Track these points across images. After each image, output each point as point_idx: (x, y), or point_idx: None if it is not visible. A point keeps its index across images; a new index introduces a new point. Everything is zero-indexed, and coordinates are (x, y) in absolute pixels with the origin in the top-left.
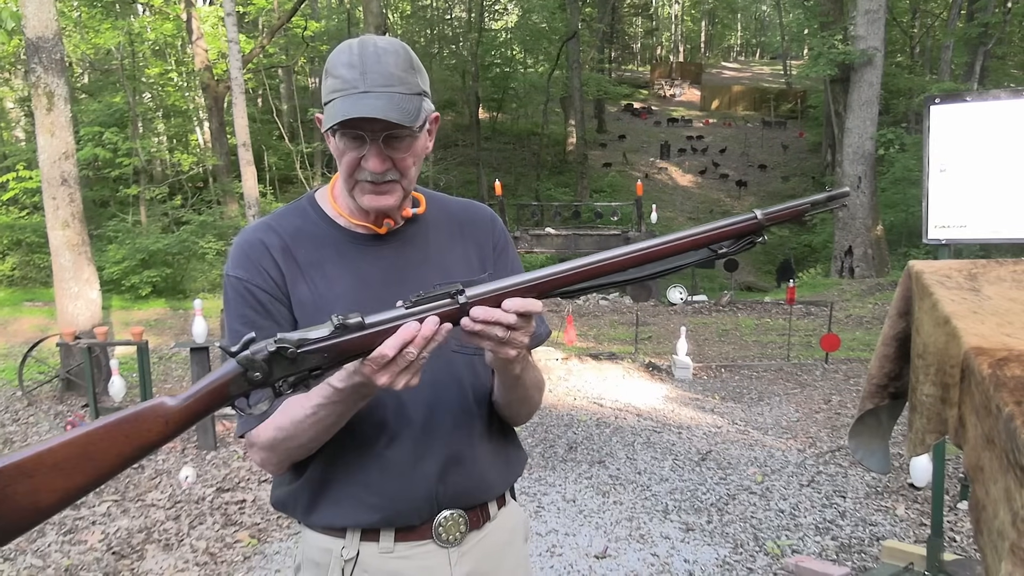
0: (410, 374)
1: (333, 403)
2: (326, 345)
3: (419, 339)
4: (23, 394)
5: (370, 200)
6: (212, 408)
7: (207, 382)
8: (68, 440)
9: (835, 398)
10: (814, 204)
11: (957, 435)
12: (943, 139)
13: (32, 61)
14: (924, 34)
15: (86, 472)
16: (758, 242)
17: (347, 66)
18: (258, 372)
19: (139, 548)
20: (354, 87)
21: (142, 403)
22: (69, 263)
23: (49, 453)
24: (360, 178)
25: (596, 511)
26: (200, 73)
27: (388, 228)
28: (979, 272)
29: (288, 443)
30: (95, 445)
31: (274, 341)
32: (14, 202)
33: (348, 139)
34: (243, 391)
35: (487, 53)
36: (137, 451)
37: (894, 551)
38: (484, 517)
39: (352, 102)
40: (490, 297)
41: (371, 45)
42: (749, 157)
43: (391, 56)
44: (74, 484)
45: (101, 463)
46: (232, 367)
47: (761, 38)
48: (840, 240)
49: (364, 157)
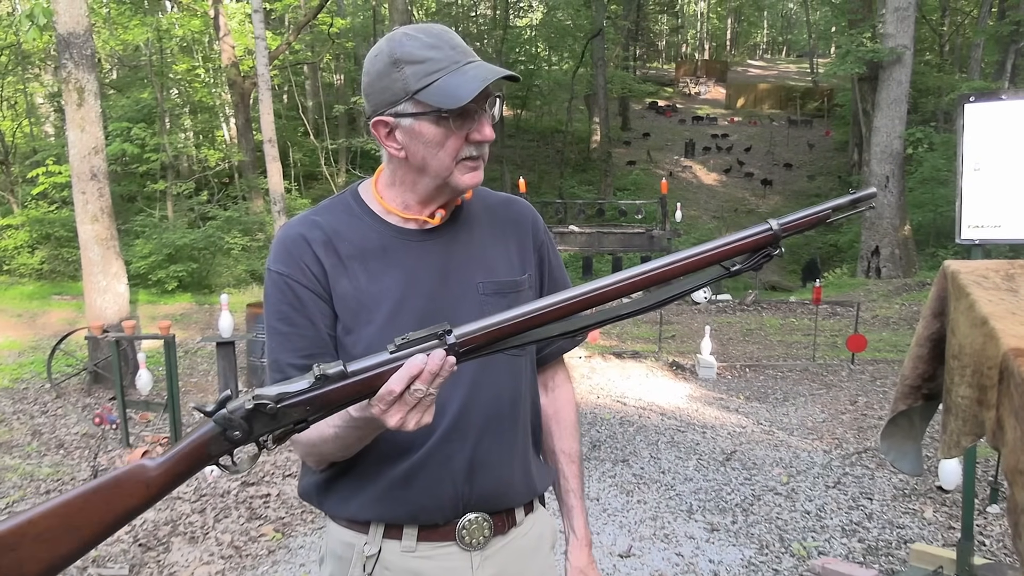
0: (420, 412)
1: (352, 428)
2: (307, 398)
3: (426, 374)
4: (51, 387)
5: (471, 177)
6: (194, 469)
7: (186, 444)
8: (49, 510)
9: (861, 399)
10: (836, 209)
11: (995, 437)
12: (977, 138)
13: (63, 57)
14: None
15: (70, 542)
16: (775, 255)
17: (430, 47)
18: (237, 431)
19: (165, 540)
20: (455, 61)
21: (121, 468)
22: (98, 257)
23: (30, 524)
24: (465, 155)
25: (620, 510)
26: (227, 69)
27: (441, 218)
28: (1017, 272)
29: (317, 450)
30: (76, 515)
31: (252, 398)
32: (43, 196)
33: (459, 118)
34: (225, 450)
35: (512, 50)
36: (119, 517)
37: (922, 554)
38: (510, 523)
39: (477, 70)
40: (479, 335)
41: (435, 27)
42: (774, 156)
43: (453, 34)
44: (58, 554)
45: (84, 532)
46: (210, 428)
47: (787, 36)
48: (867, 240)
49: (474, 129)
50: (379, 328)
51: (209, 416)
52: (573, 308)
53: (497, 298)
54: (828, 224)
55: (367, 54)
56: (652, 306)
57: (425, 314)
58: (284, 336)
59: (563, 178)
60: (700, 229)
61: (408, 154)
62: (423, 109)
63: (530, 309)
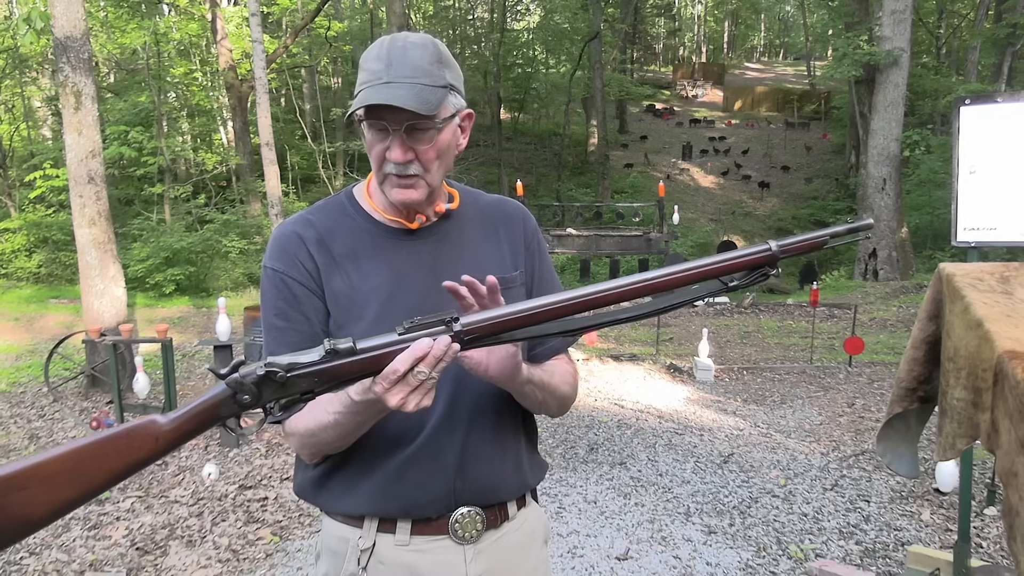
0: (421, 395)
1: (352, 412)
2: (316, 370)
3: (431, 358)
4: (49, 390)
5: (397, 194)
6: (202, 428)
7: (198, 403)
8: (61, 454)
9: (859, 401)
10: (834, 236)
11: (989, 440)
12: (973, 140)
13: (60, 60)
14: (950, 35)
15: (77, 487)
16: (772, 275)
17: (375, 59)
18: (247, 395)
19: (162, 544)
20: (379, 78)
21: (134, 421)
22: (95, 260)
23: (42, 467)
24: (387, 171)
25: (617, 512)
26: (224, 73)
27: (420, 224)
28: (1012, 275)
29: (314, 440)
30: (87, 461)
31: (263, 365)
32: (41, 200)
33: (375, 131)
34: (233, 413)
35: (509, 53)
36: (127, 467)
37: (920, 557)
38: (502, 516)
39: (375, 91)
40: (485, 325)
41: (400, 40)
42: (772, 158)
43: (418, 49)
44: (65, 498)
45: (92, 478)
46: (222, 389)
47: (785, 39)
48: (864, 242)
49: (388, 148)
50: (369, 324)
51: (222, 378)
52: (576, 307)
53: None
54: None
55: None
56: (650, 313)
57: (414, 311)
58: (280, 331)
59: (561, 181)
60: (698, 232)
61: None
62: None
63: (535, 305)
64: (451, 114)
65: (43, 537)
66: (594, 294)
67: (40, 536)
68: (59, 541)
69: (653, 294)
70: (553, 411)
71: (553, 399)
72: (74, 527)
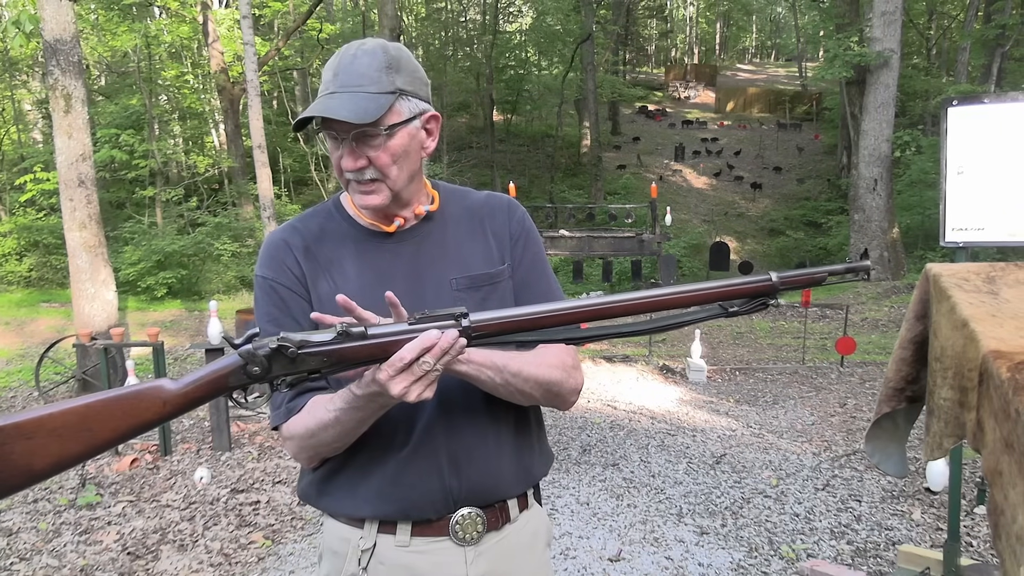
0: (423, 385)
1: (353, 408)
2: (326, 350)
3: (437, 349)
4: (39, 395)
5: (359, 199)
6: (210, 396)
7: (208, 371)
8: (69, 408)
9: (850, 401)
10: (831, 273)
11: (975, 439)
12: (961, 141)
13: (50, 63)
14: (941, 36)
15: (82, 441)
16: (770, 304)
17: (329, 69)
18: (257, 367)
19: (154, 548)
20: (326, 88)
21: (143, 383)
22: (86, 264)
23: (50, 418)
24: (347, 177)
25: (610, 514)
26: (216, 75)
27: (398, 227)
28: (997, 275)
29: (314, 440)
30: (94, 416)
31: (276, 339)
32: (31, 203)
33: (330, 140)
34: (242, 384)
35: (501, 55)
36: (133, 428)
37: (910, 556)
38: (504, 518)
39: (318, 103)
40: (493, 324)
41: (353, 48)
42: (764, 159)
43: (367, 57)
44: (68, 452)
45: (97, 434)
46: (234, 359)
47: (776, 40)
48: (856, 243)
49: (341, 156)
50: None
51: (236, 348)
52: (582, 316)
53: (471, 292)
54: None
55: None
56: (650, 330)
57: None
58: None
59: (553, 182)
60: (690, 233)
61: None
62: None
63: (542, 310)
64: (404, 119)
65: (34, 543)
66: (601, 305)
67: (31, 542)
68: (50, 546)
69: (657, 311)
70: (539, 399)
71: (530, 386)
72: (65, 532)
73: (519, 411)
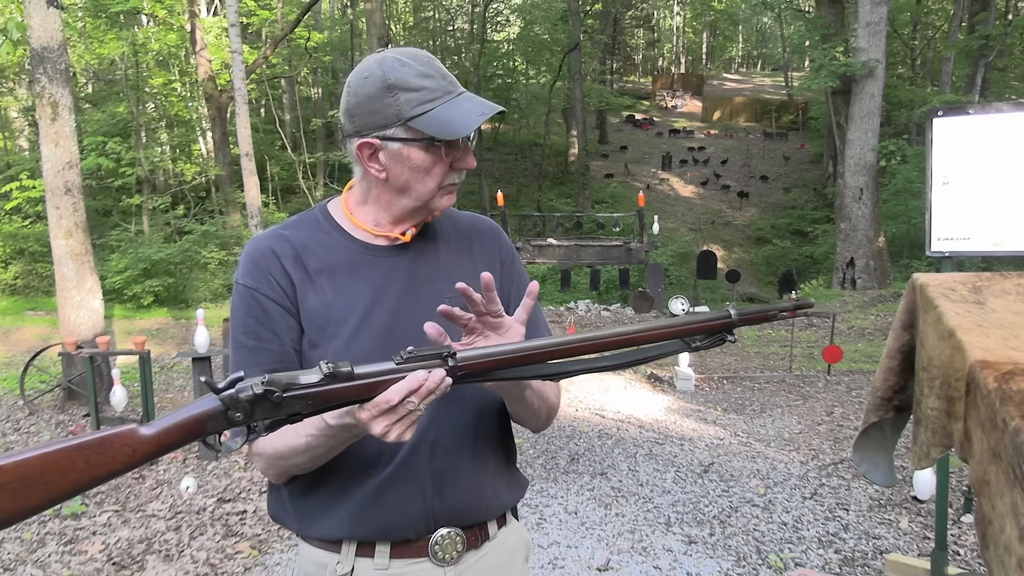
0: (404, 426)
1: (325, 436)
2: (312, 392)
3: (423, 390)
4: (25, 403)
5: (448, 200)
6: (185, 442)
7: (185, 415)
8: (22, 460)
9: (837, 410)
10: (781, 311)
11: (963, 449)
12: (946, 151)
13: (37, 71)
14: (925, 46)
15: (38, 496)
16: (728, 340)
17: (423, 76)
18: (240, 413)
19: (139, 559)
20: (448, 92)
21: (112, 429)
22: (72, 272)
23: (1, 472)
24: (449, 181)
25: (598, 523)
26: (203, 83)
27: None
28: (984, 285)
29: (284, 462)
30: (52, 470)
31: (262, 383)
32: (17, 211)
33: (449, 147)
34: (220, 429)
35: (489, 64)
36: (97, 478)
37: (898, 565)
38: (483, 537)
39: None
40: (480, 362)
41: (420, 53)
42: (750, 168)
43: (439, 62)
44: (23, 506)
45: (55, 488)
46: (213, 404)
47: (762, 50)
48: (842, 251)
49: (459, 158)
50: (345, 342)
51: (217, 394)
52: (566, 352)
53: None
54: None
55: (352, 73)
56: (623, 364)
57: (391, 329)
58: (249, 350)
59: (541, 191)
60: (677, 241)
61: (390, 176)
62: (415, 136)
63: (529, 346)
64: None
65: (17, 553)
66: (582, 341)
67: (14, 552)
68: (34, 556)
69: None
70: (542, 421)
71: (544, 407)
72: (49, 542)
73: (502, 433)
